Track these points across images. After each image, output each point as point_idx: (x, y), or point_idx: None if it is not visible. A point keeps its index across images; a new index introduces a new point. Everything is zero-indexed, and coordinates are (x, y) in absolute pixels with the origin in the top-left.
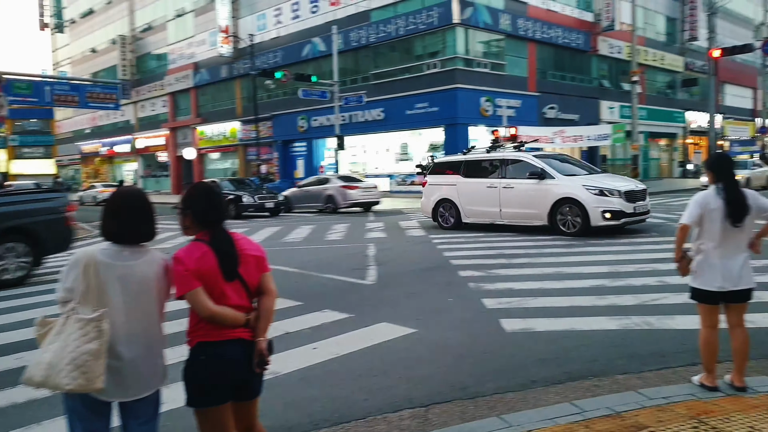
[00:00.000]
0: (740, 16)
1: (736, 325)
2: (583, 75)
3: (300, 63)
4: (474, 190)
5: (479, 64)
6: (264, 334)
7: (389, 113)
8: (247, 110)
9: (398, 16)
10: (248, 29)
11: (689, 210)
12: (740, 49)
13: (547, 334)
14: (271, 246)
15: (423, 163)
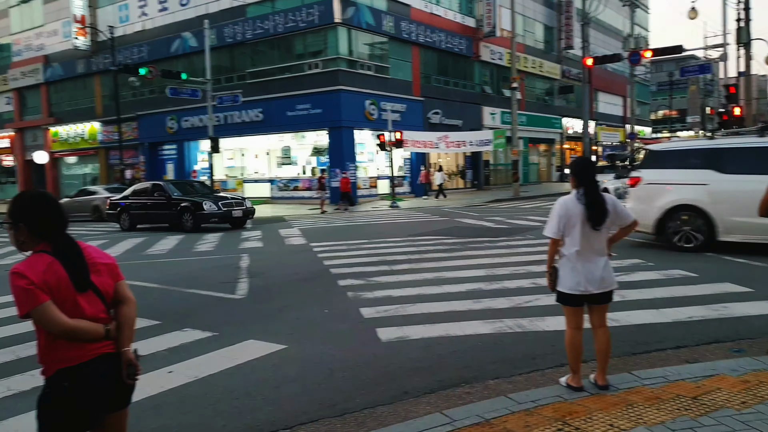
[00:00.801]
0: (611, 27)
1: (599, 325)
2: (466, 80)
3: (169, 59)
4: (743, 192)
5: (363, 66)
6: (129, 344)
7: (269, 114)
8: (108, 109)
9: (276, 13)
10: (108, 20)
11: (551, 223)
12: (610, 59)
13: (423, 341)
14: (131, 259)
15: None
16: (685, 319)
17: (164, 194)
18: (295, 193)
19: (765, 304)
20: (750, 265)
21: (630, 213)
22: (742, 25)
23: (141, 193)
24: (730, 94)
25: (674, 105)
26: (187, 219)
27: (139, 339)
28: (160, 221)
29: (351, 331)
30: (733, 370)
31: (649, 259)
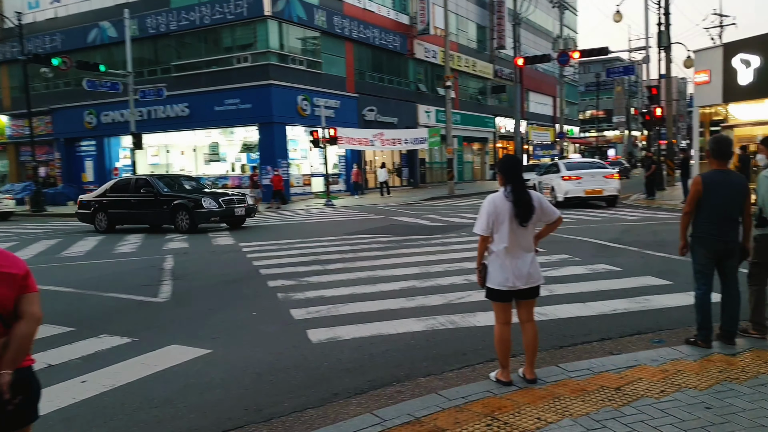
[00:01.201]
0: (541, 28)
1: (526, 320)
2: (401, 78)
3: (86, 50)
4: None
5: (295, 60)
6: (11, 366)
7: (195, 109)
8: (17, 102)
9: (203, 4)
10: (15, 6)
11: (480, 220)
12: (540, 59)
13: (354, 341)
14: (44, 262)
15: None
16: (610, 312)
17: (152, 190)
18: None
19: (683, 296)
20: (670, 259)
21: (555, 210)
22: (662, 29)
23: (122, 189)
24: (652, 95)
25: (601, 105)
26: (183, 218)
27: (49, 348)
28: (148, 221)
29: (280, 333)
30: (653, 360)
31: (575, 254)
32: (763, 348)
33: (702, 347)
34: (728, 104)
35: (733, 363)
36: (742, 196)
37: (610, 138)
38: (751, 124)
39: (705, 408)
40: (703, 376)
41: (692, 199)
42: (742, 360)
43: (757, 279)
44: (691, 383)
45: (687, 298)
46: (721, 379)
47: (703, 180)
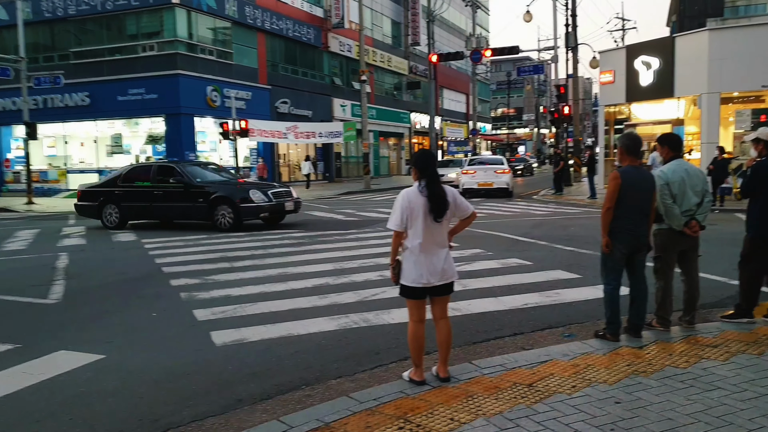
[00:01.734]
0: (455, 26)
1: (440, 317)
2: (316, 71)
3: None
4: None
5: (204, 50)
6: None
7: (97, 99)
8: None
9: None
10: None
11: (394, 215)
12: (454, 56)
13: (262, 343)
14: None
15: None
16: (522, 306)
17: (182, 180)
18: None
19: (591, 289)
20: (578, 253)
21: (469, 205)
22: (570, 30)
23: (138, 178)
24: (561, 94)
25: (512, 103)
26: (225, 214)
27: None
28: (175, 216)
29: (181, 335)
30: (564, 354)
31: (488, 249)
32: (666, 340)
33: (611, 341)
34: (631, 104)
35: (640, 356)
36: (652, 192)
37: (521, 135)
38: (651, 123)
39: (615, 403)
40: (612, 370)
41: (613, 194)
42: (648, 353)
43: (662, 274)
44: (602, 378)
45: (595, 291)
46: (629, 372)
47: (621, 175)
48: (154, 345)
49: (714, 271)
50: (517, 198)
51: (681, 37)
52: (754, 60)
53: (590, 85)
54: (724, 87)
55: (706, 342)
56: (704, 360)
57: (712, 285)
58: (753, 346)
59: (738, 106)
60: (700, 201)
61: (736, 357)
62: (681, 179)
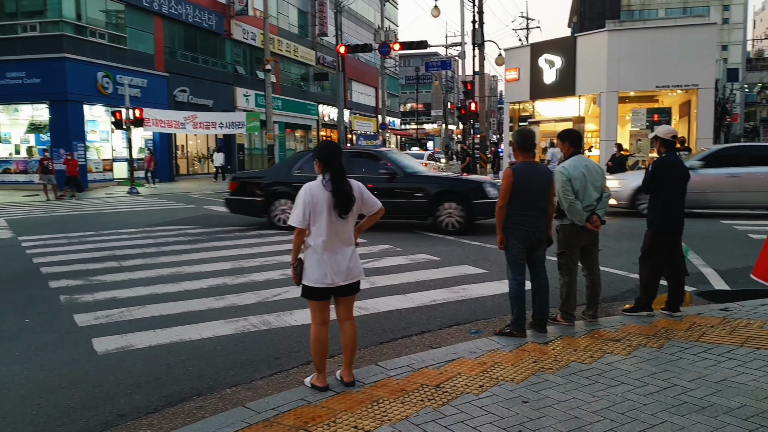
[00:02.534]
0: (364, 19)
1: (345, 318)
2: (218, 59)
3: None
4: None
5: (95, 33)
6: None
7: None
8: None
9: None
10: None
11: (296, 211)
12: (362, 48)
13: (150, 350)
14: None
15: None
16: (429, 303)
17: (389, 170)
18: (6, 176)
19: (497, 284)
20: (484, 248)
21: (377, 200)
22: (476, 27)
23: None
24: (468, 90)
25: (420, 99)
26: (453, 212)
27: None
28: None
29: (58, 344)
30: (471, 352)
31: (397, 245)
32: (571, 335)
33: (517, 337)
34: (535, 101)
35: (545, 352)
36: (548, 188)
37: (429, 131)
38: (554, 121)
39: (522, 402)
40: (519, 367)
41: (506, 192)
42: (553, 348)
43: (566, 269)
44: (509, 376)
45: (501, 286)
46: (536, 369)
47: (514, 172)
48: (25, 355)
49: (614, 264)
50: None
51: (582, 37)
52: (648, 61)
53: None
54: (622, 86)
55: (609, 336)
56: (608, 354)
57: (612, 278)
58: (653, 339)
59: (634, 105)
60: (599, 196)
61: (638, 351)
62: (582, 175)
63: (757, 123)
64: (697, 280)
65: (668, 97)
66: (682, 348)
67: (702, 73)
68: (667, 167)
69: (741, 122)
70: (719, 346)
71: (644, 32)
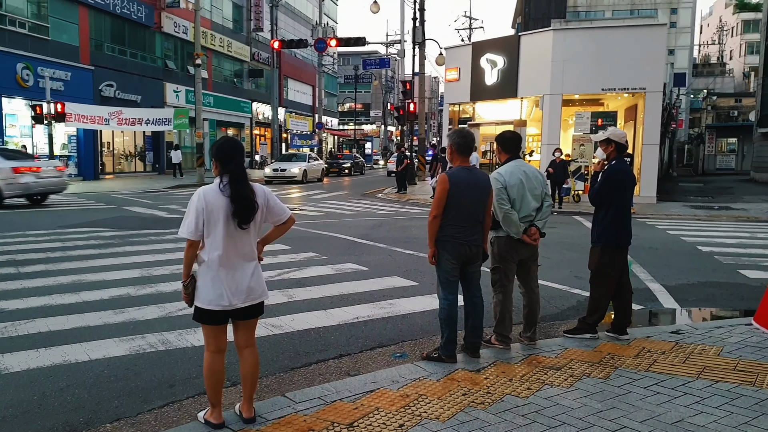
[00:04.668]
0: (301, 14)
1: (245, 345)
2: (146, 52)
3: None
4: None
5: (14, 22)
6: None
7: None
8: None
9: None
10: None
11: (187, 220)
12: (297, 44)
13: (27, 374)
14: None
15: None
16: (352, 321)
17: None
18: None
19: (428, 298)
20: (417, 257)
21: (285, 208)
22: (417, 25)
23: None
24: (406, 90)
25: (359, 99)
26: None
27: None
28: None
29: None
30: (393, 381)
31: (323, 252)
32: (507, 361)
33: (446, 362)
34: (476, 103)
35: (477, 382)
36: (487, 197)
37: (368, 132)
38: (495, 123)
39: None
40: (446, 401)
41: (440, 200)
42: (487, 377)
43: (500, 286)
44: (434, 412)
45: (432, 301)
46: (465, 404)
47: (450, 178)
48: None
49: (554, 278)
50: (360, 196)
51: (526, 36)
52: (595, 63)
53: (437, 84)
54: (566, 89)
55: (548, 363)
56: (547, 386)
57: (552, 294)
58: (597, 367)
59: (578, 108)
60: (539, 205)
61: (581, 381)
62: (519, 182)
63: (702, 130)
64: (644, 297)
65: (614, 101)
66: (630, 379)
67: (651, 76)
68: (621, 175)
69: (686, 128)
70: (672, 378)
71: (591, 32)
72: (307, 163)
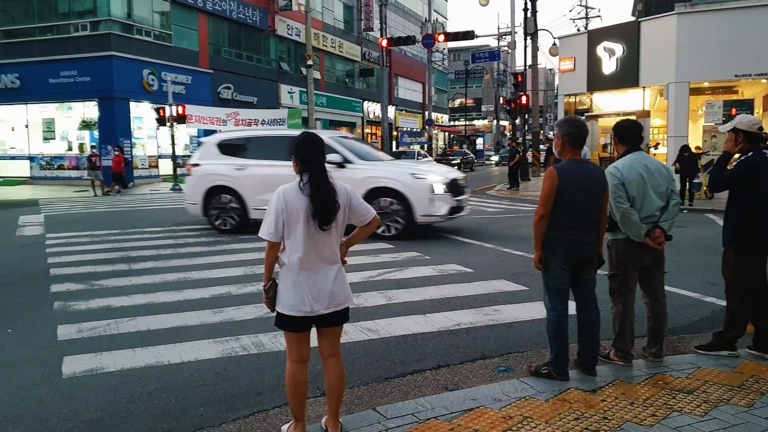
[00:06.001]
0: (411, 12)
1: (329, 355)
2: (262, 55)
3: None
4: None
5: (141, 31)
6: None
7: (27, 81)
8: None
9: None
10: None
11: (267, 221)
12: (404, 41)
13: (120, 375)
14: None
15: None
16: (453, 327)
17: None
18: (60, 172)
19: (538, 306)
20: (528, 259)
21: (370, 207)
22: (528, 15)
23: None
24: (518, 82)
25: (470, 94)
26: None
27: None
28: None
29: (27, 361)
30: (496, 399)
31: (426, 252)
32: (627, 380)
33: (556, 380)
34: (593, 93)
35: (593, 404)
36: (602, 194)
37: (480, 127)
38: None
39: None
40: (555, 426)
41: (548, 197)
42: (604, 399)
43: (619, 295)
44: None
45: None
46: (577, 431)
47: (559, 173)
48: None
49: (684, 284)
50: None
51: (647, 21)
52: (725, 47)
53: (552, 76)
54: (693, 76)
55: (677, 384)
56: (676, 413)
57: (682, 303)
58: (738, 392)
59: (708, 97)
60: (664, 204)
61: (718, 409)
62: (640, 177)
63: None
64: None
65: (751, 88)
66: None
67: None
68: (758, 169)
69: None
70: None
71: (721, 14)
72: (416, 161)
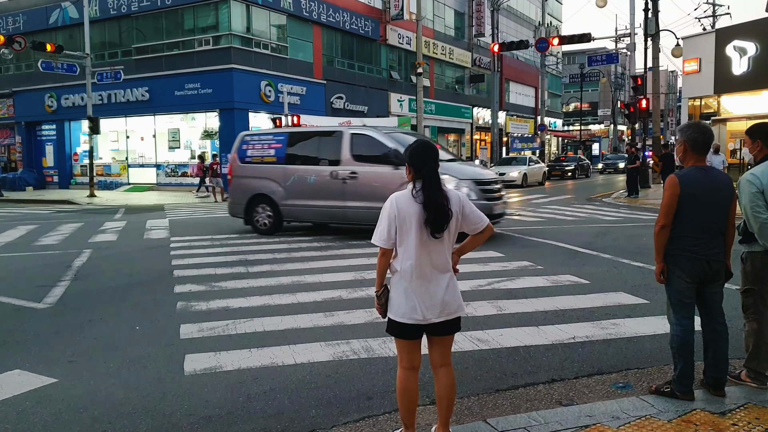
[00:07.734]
0: (523, 16)
1: (440, 364)
2: (373, 65)
3: (48, 31)
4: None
5: (259, 44)
6: None
7: (156, 94)
8: None
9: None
10: None
11: (380, 227)
12: (516, 45)
13: (237, 374)
14: None
15: None
16: (567, 341)
17: None
18: (184, 179)
19: (659, 320)
20: (648, 270)
21: (483, 215)
22: (649, 16)
23: None
24: (637, 86)
25: (586, 98)
26: None
27: None
28: None
29: (154, 357)
30: (614, 417)
31: (539, 262)
32: (762, 404)
33: (680, 399)
34: (720, 96)
35: (721, 428)
36: (729, 202)
37: (595, 132)
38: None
39: None
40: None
41: (669, 206)
42: (735, 423)
43: (754, 312)
44: None
45: (665, 323)
46: None
47: (681, 181)
48: (117, 369)
49: None
50: (584, 201)
51: None
52: None
53: (674, 79)
54: None
55: None
56: None
57: None
58: None
59: None
60: None
61: None
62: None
63: None
64: None
65: None
66: None
67: None
68: None
69: None
70: None
71: None
72: (527, 167)
